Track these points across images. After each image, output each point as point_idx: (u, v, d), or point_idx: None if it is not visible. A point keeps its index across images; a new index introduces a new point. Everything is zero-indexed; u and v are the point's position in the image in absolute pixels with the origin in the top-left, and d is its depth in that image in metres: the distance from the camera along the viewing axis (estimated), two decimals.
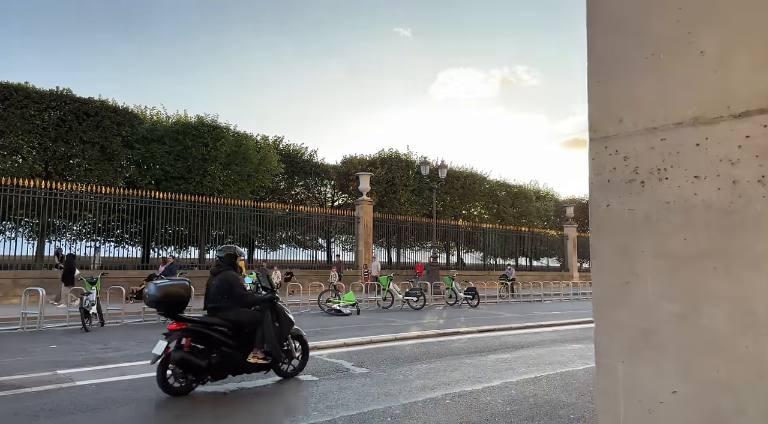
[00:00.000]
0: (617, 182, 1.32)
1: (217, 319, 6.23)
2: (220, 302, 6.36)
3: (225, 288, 6.39)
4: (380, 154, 28.48)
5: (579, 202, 37.53)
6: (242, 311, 6.44)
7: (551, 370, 7.78)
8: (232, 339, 6.21)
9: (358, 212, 25.64)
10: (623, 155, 1.31)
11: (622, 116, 1.33)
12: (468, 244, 29.89)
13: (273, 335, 6.44)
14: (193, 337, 6.02)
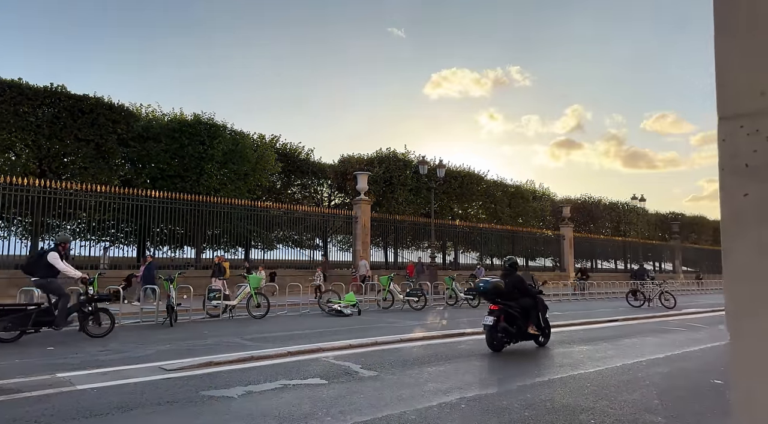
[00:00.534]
0: (760, 167, 1.13)
1: (514, 304, 9.29)
2: (514, 294, 9.46)
3: (517, 285, 9.57)
4: (378, 154, 28.29)
5: (575, 202, 37.52)
6: (525, 300, 9.50)
7: (563, 372, 7.62)
8: (521, 317, 9.31)
9: (355, 211, 25.43)
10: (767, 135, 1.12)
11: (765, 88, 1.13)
12: (465, 244, 29.76)
13: (539, 315, 9.60)
14: (504, 315, 9.16)
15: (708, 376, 7.85)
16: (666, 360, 9.02)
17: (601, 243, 38.54)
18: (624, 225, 40.95)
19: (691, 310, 19.15)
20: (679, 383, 7.32)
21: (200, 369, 7.45)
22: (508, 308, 9.11)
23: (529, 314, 9.39)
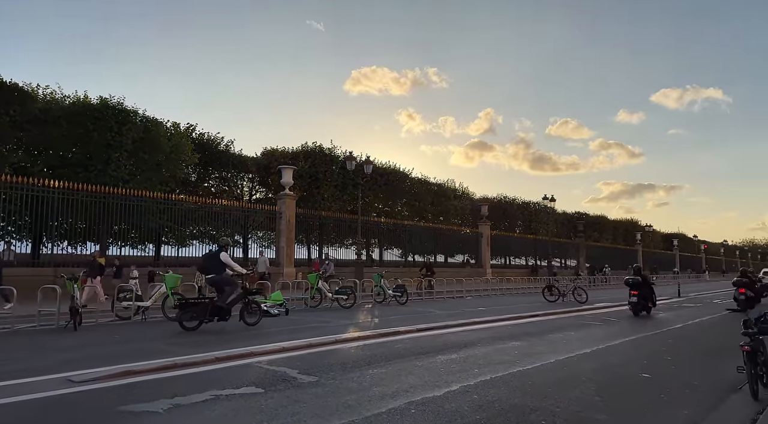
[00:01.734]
0: None
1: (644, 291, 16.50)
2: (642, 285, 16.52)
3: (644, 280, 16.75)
4: (303, 148, 27.53)
5: (492, 201, 38.88)
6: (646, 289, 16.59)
7: (503, 370, 7.63)
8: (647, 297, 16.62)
9: (280, 206, 24.58)
10: None
11: None
12: (389, 241, 29.80)
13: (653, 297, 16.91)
14: (640, 296, 16.34)
15: (634, 370, 8.20)
16: (593, 355, 9.35)
17: (514, 241, 40.28)
18: (535, 224, 43.09)
19: (601, 304, 20.37)
20: (612, 379, 7.55)
21: (116, 380, 6.64)
22: (641, 292, 16.43)
23: (649, 296, 16.67)
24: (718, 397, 6.68)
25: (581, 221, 47.48)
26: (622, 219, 61.71)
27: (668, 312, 18.45)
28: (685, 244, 75.11)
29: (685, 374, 8.01)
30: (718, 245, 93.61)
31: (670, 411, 5.98)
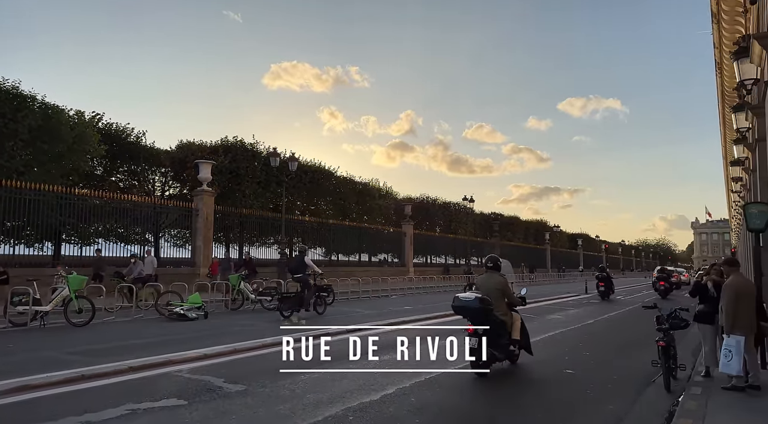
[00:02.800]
0: None
1: None
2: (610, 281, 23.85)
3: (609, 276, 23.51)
4: (223, 142, 26.28)
5: (415, 201, 39.44)
6: None
7: (437, 370, 7.60)
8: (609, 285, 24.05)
9: (196, 203, 23.30)
10: None
11: None
12: (313, 240, 29.26)
13: None
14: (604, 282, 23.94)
15: (558, 366, 8.50)
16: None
17: (435, 240, 41.14)
18: (455, 223, 44.27)
19: None
20: (539, 376, 7.77)
21: (12, 396, 5.87)
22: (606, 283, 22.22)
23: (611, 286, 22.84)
24: (636, 390, 7.05)
25: (497, 222, 49.44)
26: (533, 220, 65.08)
27: (579, 308, 19.57)
28: (588, 243, 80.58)
29: (604, 369, 8.42)
30: (617, 244, 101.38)
31: (598, 407, 6.21)
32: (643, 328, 13.29)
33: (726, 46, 11.76)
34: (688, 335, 10.16)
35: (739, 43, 7.87)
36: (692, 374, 7.63)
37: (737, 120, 10.25)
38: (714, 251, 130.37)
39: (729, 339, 6.46)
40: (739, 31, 10.34)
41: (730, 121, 14.08)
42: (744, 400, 6.10)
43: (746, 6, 8.52)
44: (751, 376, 6.56)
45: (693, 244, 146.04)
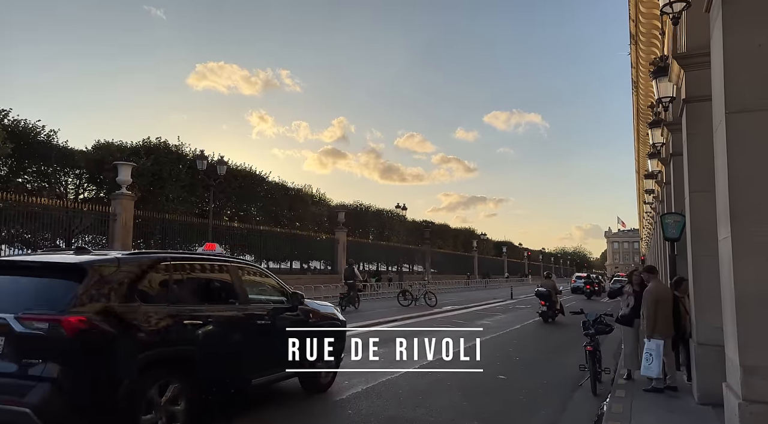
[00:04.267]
0: None
1: None
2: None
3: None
4: (145, 143, 24.84)
5: (348, 208, 39.27)
6: None
7: (373, 380, 7.48)
8: None
9: (114, 207, 21.83)
10: None
11: None
12: (242, 247, 28.29)
13: None
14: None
15: (492, 371, 8.61)
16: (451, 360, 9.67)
17: (368, 247, 41.15)
18: (387, 230, 44.54)
19: (448, 307, 21.58)
20: (474, 383, 7.83)
21: None
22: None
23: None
24: (565, 394, 7.27)
25: (428, 229, 50.25)
26: (462, 228, 66.87)
27: (506, 314, 20.18)
28: (512, 251, 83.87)
29: (534, 374, 8.65)
30: (538, 252, 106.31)
31: (533, 412, 6.33)
32: (569, 332, 13.92)
33: (642, 66, 12.63)
34: (608, 338, 10.69)
35: (657, 62, 8.43)
36: (615, 377, 7.99)
37: (653, 135, 11.00)
38: (625, 258, 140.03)
39: (649, 343, 6.80)
40: (654, 52, 11.13)
41: (645, 136, 15.11)
42: (664, 401, 6.43)
43: (663, 28, 9.17)
44: (668, 377, 6.95)
45: (606, 252, 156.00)
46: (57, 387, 3.73)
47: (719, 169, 4.09)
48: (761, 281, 3.56)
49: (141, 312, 4.34)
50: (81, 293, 4.05)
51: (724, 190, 3.91)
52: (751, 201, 3.66)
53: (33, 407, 3.61)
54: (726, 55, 3.90)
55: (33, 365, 3.78)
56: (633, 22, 11.45)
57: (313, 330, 6.23)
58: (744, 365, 3.52)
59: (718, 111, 4.06)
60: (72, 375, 3.80)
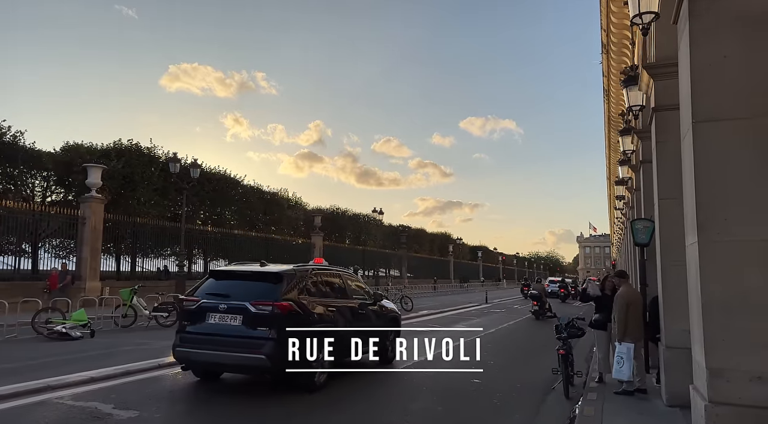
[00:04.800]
0: None
1: None
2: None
3: None
4: (116, 145, 24.32)
5: (325, 212, 39.12)
6: None
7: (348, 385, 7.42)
8: None
9: (84, 211, 21.29)
10: None
11: None
12: (216, 251, 27.88)
13: None
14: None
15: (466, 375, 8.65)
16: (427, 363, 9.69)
17: (345, 251, 41.02)
18: (364, 235, 44.48)
19: (424, 311, 21.63)
20: (449, 387, 7.86)
21: None
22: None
23: None
24: (538, 398, 7.35)
25: (404, 234, 50.38)
26: (438, 232, 67.23)
27: (481, 318, 20.33)
28: (487, 255, 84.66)
29: (508, 377, 8.72)
30: (512, 256, 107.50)
31: (507, 416, 6.38)
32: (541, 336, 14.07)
33: (614, 75, 12.93)
34: (580, 342, 10.86)
35: (627, 72, 8.63)
36: (587, 380, 8.11)
37: (624, 143, 11.25)
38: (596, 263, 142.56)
39: (621, 347, 6.92)
40: (625, 61, 11.40)
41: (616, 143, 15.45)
42: (635, 403, 6.55)
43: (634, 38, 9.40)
44: (638, 380, 7.08)
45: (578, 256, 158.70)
46: (278, 342, 6.32)
47: (686, 177, 4.20)
48: (726, 286, 3.66)
49: (309, 301, 7.08)
50: (283, 290, 6.79)
51: (691, 198, 4.01)
52: (717, 208, 3.77)
53: (266, 354, 6.34)
54: (693, 66, 4.01)
55: (263, 330, 6.49)
56: (604, 31, 11.71)
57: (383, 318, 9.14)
58: (710, 368, 3.61)
59: (686, 120, 4.17)
60: (284, 335, 6.17)
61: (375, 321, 8.52)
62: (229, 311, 6.67)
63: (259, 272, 7.24)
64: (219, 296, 6.88)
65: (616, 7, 9.67)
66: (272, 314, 6.49)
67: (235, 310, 6.64)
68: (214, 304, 6.78)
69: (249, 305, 6.54)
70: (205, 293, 7.08)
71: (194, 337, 6.79)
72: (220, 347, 6.52)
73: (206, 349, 6.62)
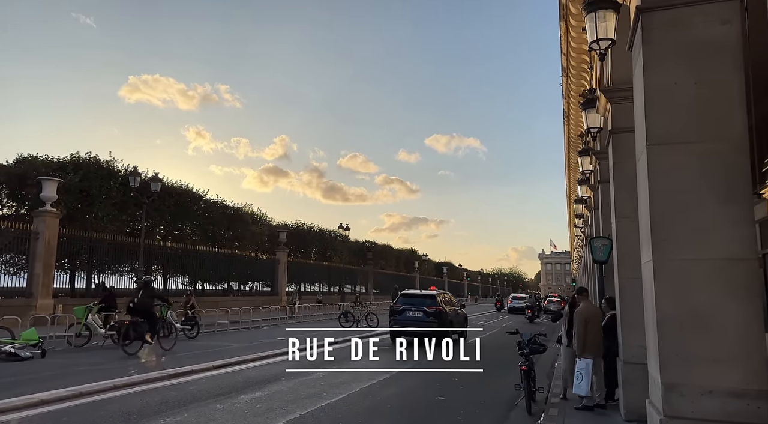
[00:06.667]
0: None
1: None
2: None
3: None
4: (73, 158, 23.51)
5: (291, 227, 38.71)
6: None
7: (312, 405, 7.33)
8: None
9: (37, 225, 20.43)
10: None
11: None
12: (176, 267, 27.12)
13: None
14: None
15: (431, 392, 8.67)
16: (392, 380, 9.67)
17: (310, 267, 40.62)
18: (330, 251, 44.17)
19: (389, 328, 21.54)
20: (414, 403, 7.84)
21: None
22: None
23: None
24: (502, 414, 7.40)
25: (371, 250, 50.29)
26: (404, 248, 67.36)
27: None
28: (453, 272, 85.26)
29: (471, 394, 8.75)
30: (477, 273, 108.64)
31: None
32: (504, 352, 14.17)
33: (573, 98, 13.39)
34: (542, 358, 11.01)
35: (586, 95, 8.97)
36: (549, 395, 8.23)
37: (582, 163, 11.64)
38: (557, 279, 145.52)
39: (580, 362, 7.07)
40: (584, 84, 11.84)
41: (576, 163, 15.93)
42: (593, 418, 6.68)
43: (592, 62, 9.80)
44: (598, 395, 7.23)
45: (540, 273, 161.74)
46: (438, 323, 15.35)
47: (641, 197, 4.38)
48: (678, 303, 3.81)
49: (444, 306, 16.46)
50: (437, 301, 16.35)
51: (645, 217, 4.18)
52: (670, 228, 3.94)
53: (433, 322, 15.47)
54: (646, 91, 4.22)
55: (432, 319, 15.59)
56: (564, 55, 12.14)
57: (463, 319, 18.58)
58: (664, 383, 3.74)
59: (640, 142, 4.36)
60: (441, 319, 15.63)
61: (460, 316, 18.19)
62: (416, 310, 15.82)
63: (425, 293, 17.23)
64: (409, 303, 16.18)
65: (575, 33, 10.07)
66: (435, 311, 15.76)
67: (419, 310, 15.82)
68: (408, 307, 15.99)
69: (425, 308, 15.84)
70: (402, 302, 16.36)
71: (400, 321, 15.53)
72: (413, 325, 14.80)
73: (406, 326, 14.77)
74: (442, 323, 15.29)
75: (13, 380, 8.61)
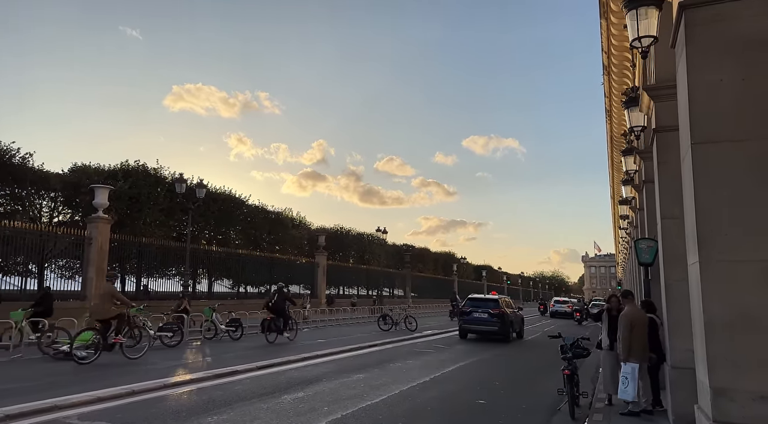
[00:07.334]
0: None
1: None
2: None
3: None
4: (123, 166, 24.58)
5: (329, 231, 39.17)
6: None
7: (353, 406, 7.42)
8: None
9: (90, 231, 21.42)
10: None
11: None
12: (220, 271, 27.88)
13: None
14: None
15: (471, 396, 8.63)
16: (432, 383, 9.66)
17: (348, 271, 40.96)
18: (368, 254, 44.42)
19: (429, 332, 21.51)
20: (454, 407, 7.82)
21: None
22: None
23: None
24: (544, 418, 7.30)
25: (408, 253, 50.26)
26: (442, 251, 67.03)
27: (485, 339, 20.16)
28: (492, 275, 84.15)
29: (513, 398, 8.67)
30: (517, 276, 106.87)
31: None
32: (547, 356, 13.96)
33: (615, 96, 13.08)
34: (586, 362, 10.79)
35: (629, 93, 8.76)
36: (593, 400, 8.06)
37: (626, 163, 11.33)
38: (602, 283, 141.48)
39: (625, 366, 6.90)
40: (626, 82, 11.55)
41: (619, 163, 15.52)
42: None
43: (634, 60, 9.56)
44: (645, 401, 7.04)
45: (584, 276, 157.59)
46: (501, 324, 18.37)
47: (687, 197, 4.27)
48: (727, 305, 3.70)
49: (508, 310, 19.25)
50: (500, 304, 18.86)
51: (691, 217, 4.07)
52: (717, 228, 3.83)
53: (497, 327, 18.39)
54: (690, 89, 4.11)
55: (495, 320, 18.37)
56: (605, 53, 11.88)
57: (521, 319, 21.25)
58: (713, 387, 3.63)
59: (685, 141, 4.25)
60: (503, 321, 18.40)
61: (518, 317, 20.52)
62: (481, 312, 18.32)
63: (489, 297, 19.78)
64: (475, 306, 18.72)
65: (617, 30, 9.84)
66: (498, 313, 18.24)
67: (484, 311, 18.32)
68: (475, 309, 18.61)
69: (489, 310, 18.37)
70: (469, 305, 19.01)
71: (467, 320, 18.59)
72: (478, 325, 18.35)
73: (472, 325, 18.51)
74: (504, 324, 18.22)
75: (73, 379, 9.08)
